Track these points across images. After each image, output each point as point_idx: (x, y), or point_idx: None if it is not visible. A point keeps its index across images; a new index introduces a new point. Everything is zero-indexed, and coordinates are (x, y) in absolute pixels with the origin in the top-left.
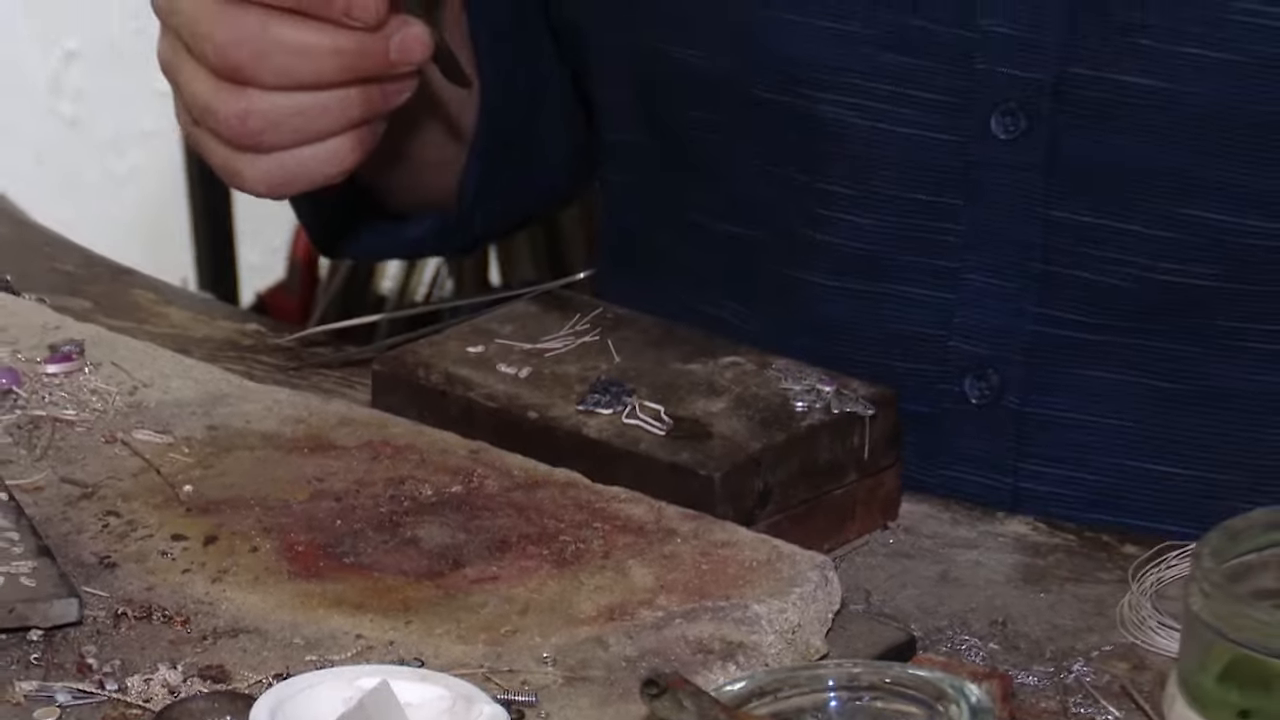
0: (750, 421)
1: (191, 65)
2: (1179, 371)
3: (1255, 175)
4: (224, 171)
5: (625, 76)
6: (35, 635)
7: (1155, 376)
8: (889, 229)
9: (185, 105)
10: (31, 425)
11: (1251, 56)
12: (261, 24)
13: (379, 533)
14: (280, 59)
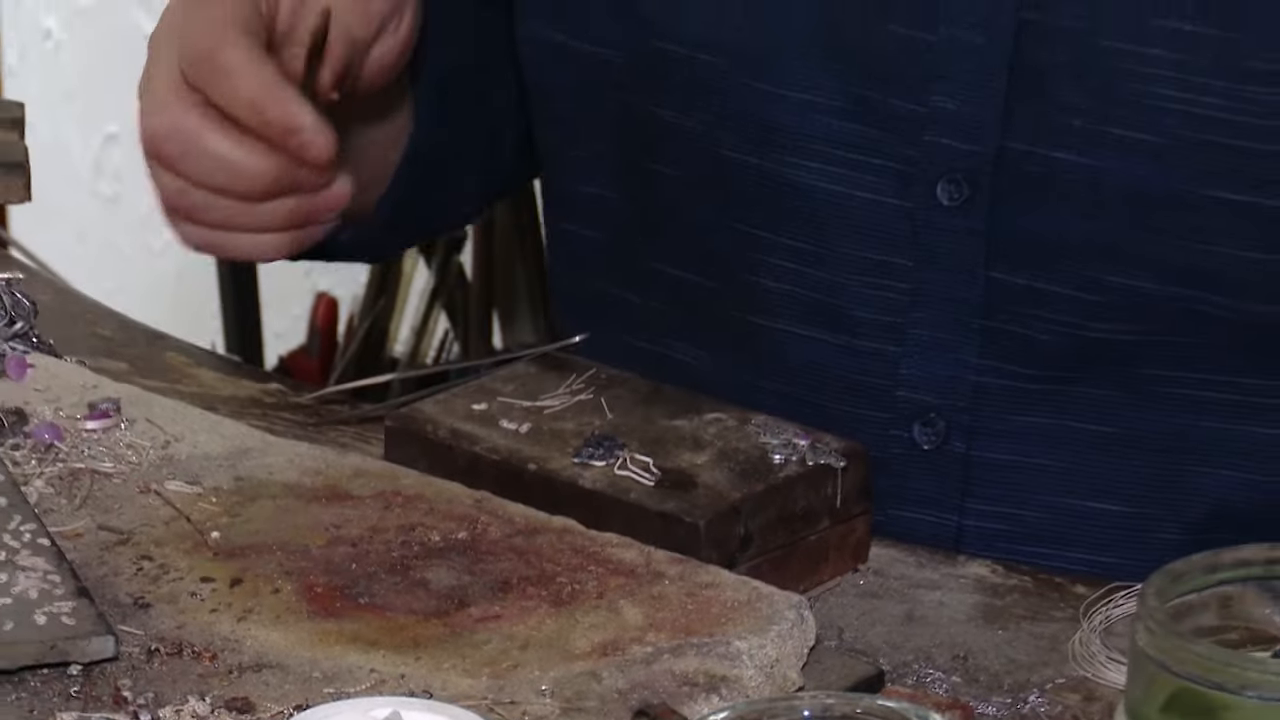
0: (732, 473)
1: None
2: (1106, 417)
3: (1176, 248)
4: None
5: (602, 132)
6: (75, 670)
7: (1086, 421)
8: (843, 285)
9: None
10: (71, 477)
11: (1172, 139)
12: (198, 128)
13: (391, 575)
14: (209, 166)
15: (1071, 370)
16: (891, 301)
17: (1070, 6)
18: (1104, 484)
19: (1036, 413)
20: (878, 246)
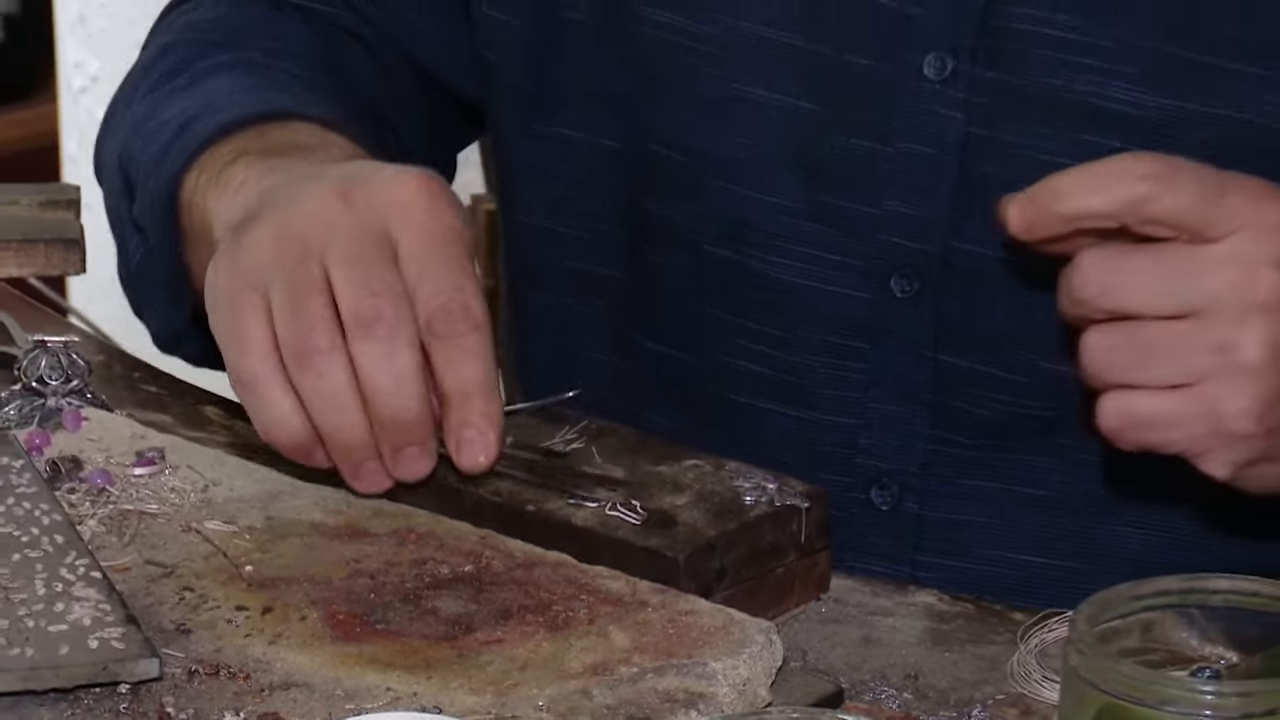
0: (708, 513)
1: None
2: (1037, 481)
3: None
4: None
5: (604, 216)
6: (124, 689)
7: (1020, 485)
8: (807, 365)
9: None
10: (121, 517)
11: None
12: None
13: (405, 604)
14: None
15: (1007, 440)
16: (850, 380)
17: (1010, 124)
18: (1037, 540)
19: (978, 477)
20: (838, 332)
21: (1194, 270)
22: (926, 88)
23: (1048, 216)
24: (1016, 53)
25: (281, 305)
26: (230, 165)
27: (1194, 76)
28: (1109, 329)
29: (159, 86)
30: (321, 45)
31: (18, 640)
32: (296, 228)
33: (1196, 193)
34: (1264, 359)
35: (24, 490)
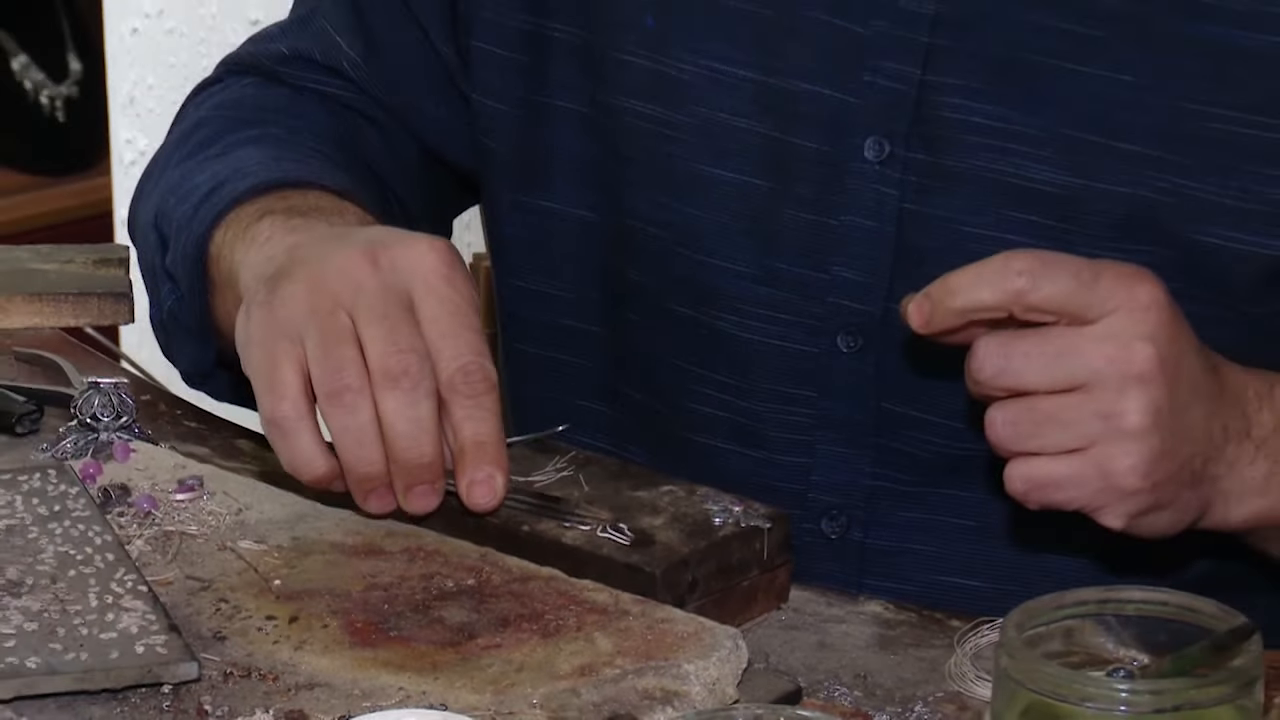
0: (682, 532)
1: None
2: (968, 513)
3: None
4: None
5: (590, 280)
6: (166, 689)
7: (953, 516)
8: (762, 412)
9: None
10: (164, 537)
11: None
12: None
13: (414, 614)
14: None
15: (941, 477)
16: (802, 425)
17: (941, 199)
18: (970, 566)
19: (916, 509)
20: (790, 382)
21: (1076, 349)
22: (867, 168)
23: (943, 312)
24: (946, 138)
25: (316, 351)
26: (256, 222)
27: (1099, 158)
28: (1008, 404)
29: (192, 156)
30: (336, 125)
31: (73, 646)
32: (328, 284)
33: (1071, 281)
34: (1146, 423)
35: (79, 514)
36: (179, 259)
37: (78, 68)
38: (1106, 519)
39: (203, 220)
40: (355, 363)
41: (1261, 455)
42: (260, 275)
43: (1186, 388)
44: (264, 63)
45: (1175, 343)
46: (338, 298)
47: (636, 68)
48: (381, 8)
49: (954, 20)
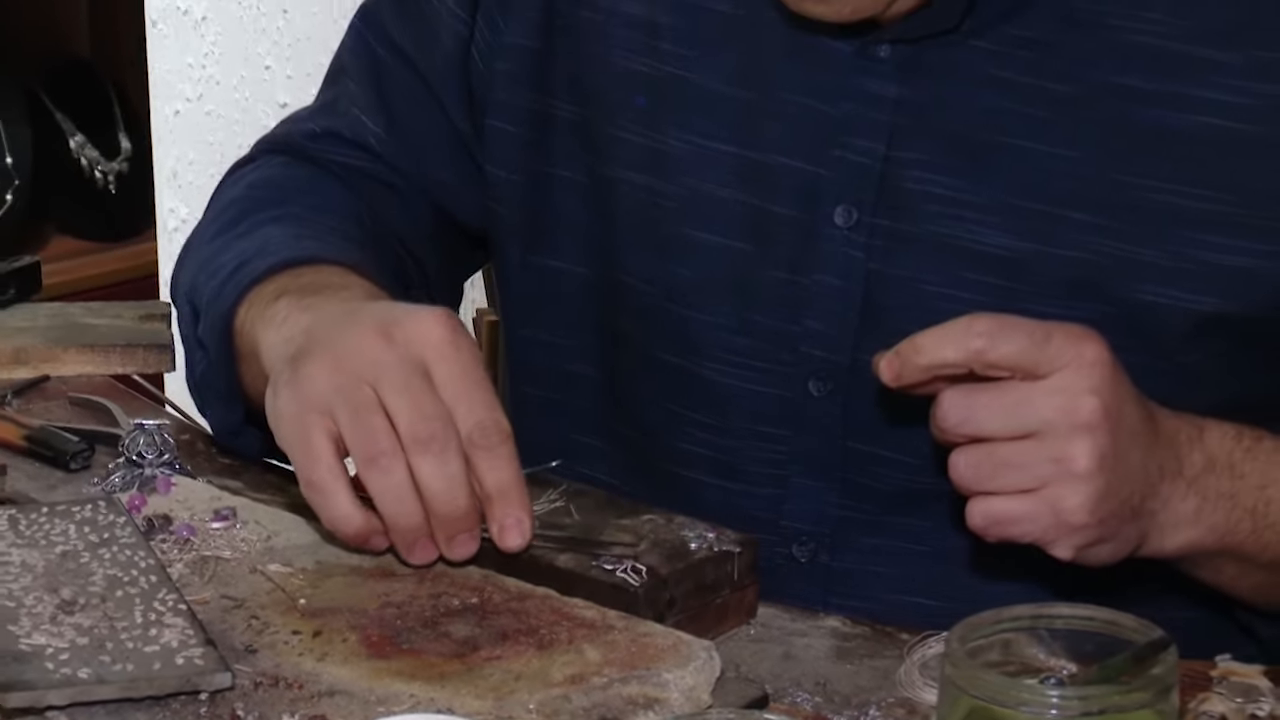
0: (661, 556)
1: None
2: (923, 540)
3: None
4: None
5: (590, 330)
6: (203, 697)
7: (909, 543)
8: (740, 449)
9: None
10: (202, 561)
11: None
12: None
13: (424, 629)
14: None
15: (900, 508)
16: (776, 461)
17: (903, 261)
18: (924, 586)
19: (877, 537)
20: (765, 423)
21: (1030, 401)
22: (837, 233)
23: (911, 368)
24: (907, 206)
25: (347, 421)
26: (274, 302)
27: (1045, 225)
28: (969, 449)
29: (222, 234)
30: (355, 200)
31: (120, 658)
32: (348, 362)
33: (1025, 340)
34: (1092, 467)
35: (125, 541)
36: (208, 331)
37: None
38: (1057, 550)
39: (227, 298)
40: (386, 430)
41: (1192, 492)
42: (282, 356)
43: (1127, 434)
44: (296, 140)
45: (1117, 394)
46: (360, 372)
47: (630, 143)
48: (404, 89)
49: (914, 102)
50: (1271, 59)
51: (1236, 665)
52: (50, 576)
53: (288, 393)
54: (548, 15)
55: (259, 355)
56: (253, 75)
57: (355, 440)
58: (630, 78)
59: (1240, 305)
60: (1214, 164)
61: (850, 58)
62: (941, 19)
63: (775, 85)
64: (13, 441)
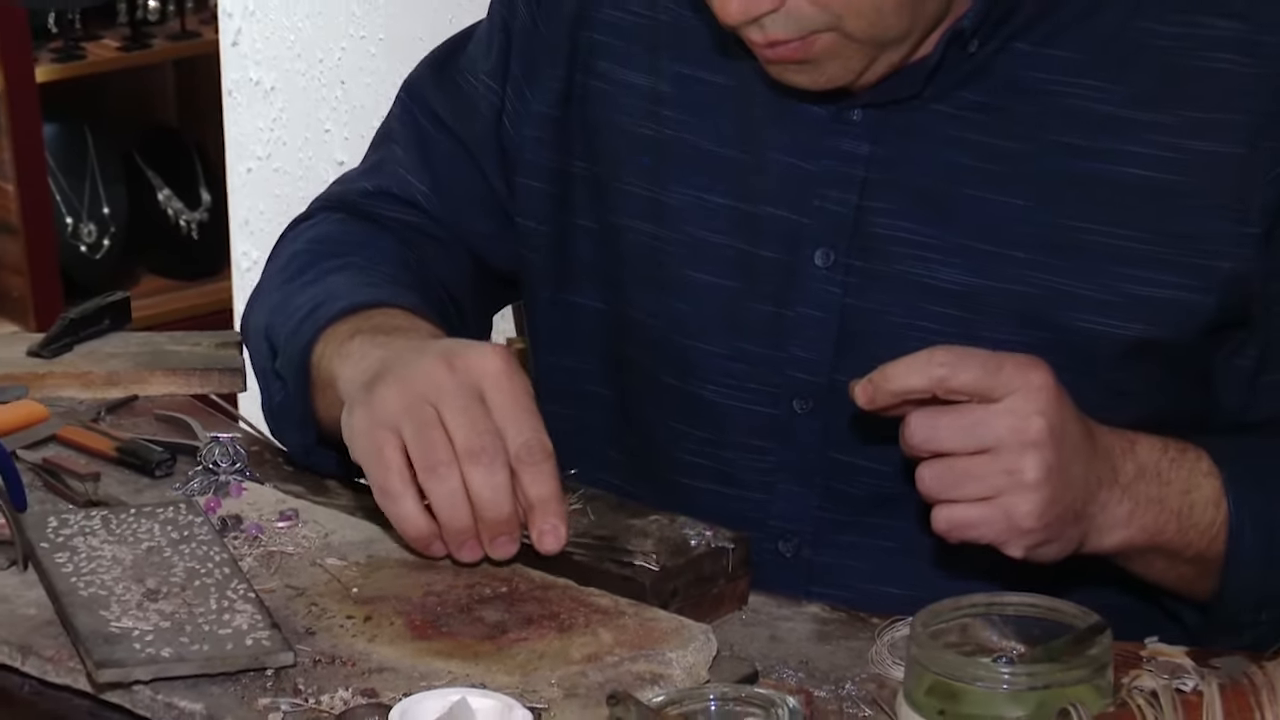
0: (666, 551)
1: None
2: (891, 536)
3: None
4: None
5: (606, 357)
6: (269, 673)
7: (882, 540)
8: (734, 460)
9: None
10: (268, 556)
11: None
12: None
13: (461, 614)
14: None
15: (872, 510)
16: (764, 470)
17: (874, 296)
18: (893, 578)
19: (852, 535)
20: (756, 437)
21: (985, 422)
22: (816, 272)
23: (882, 394)
24: (877, 248)
25: (413, 436)
26: (349, 340)
27: (997, 264)
28: (933, 463)
29: (291, 281)
30: (405, 251)
31: (197, 639)
32: (416, 385)
33: (980, 369)
34: (1040, 479)
35: (202, 538)
36: (286, 365)
37: (207, 198)
38: (1010, 550)
39: (304, 336)
40: (445, 443)
41: (1126, 498)
42: (357, 382)
43: (1069, 449)
44: (350, 198)
45: (1060, 415)
46: (424, 394)
47: (636, 196)
48: (445, 154)
49: (883, 159)
50: (1199, 119)
51: (1164, 646)
52: (137, 569)
53: (362, 411)
54: (567, 86)
55: (335, 385)
56: (314, 137)
57: (418, 452)
58: (636, 140)
59: (1163, 332)
60: (1142, 210)
61: (827, 120)
62: (906, 87)
63: (762, 145)
64: (105, 452)
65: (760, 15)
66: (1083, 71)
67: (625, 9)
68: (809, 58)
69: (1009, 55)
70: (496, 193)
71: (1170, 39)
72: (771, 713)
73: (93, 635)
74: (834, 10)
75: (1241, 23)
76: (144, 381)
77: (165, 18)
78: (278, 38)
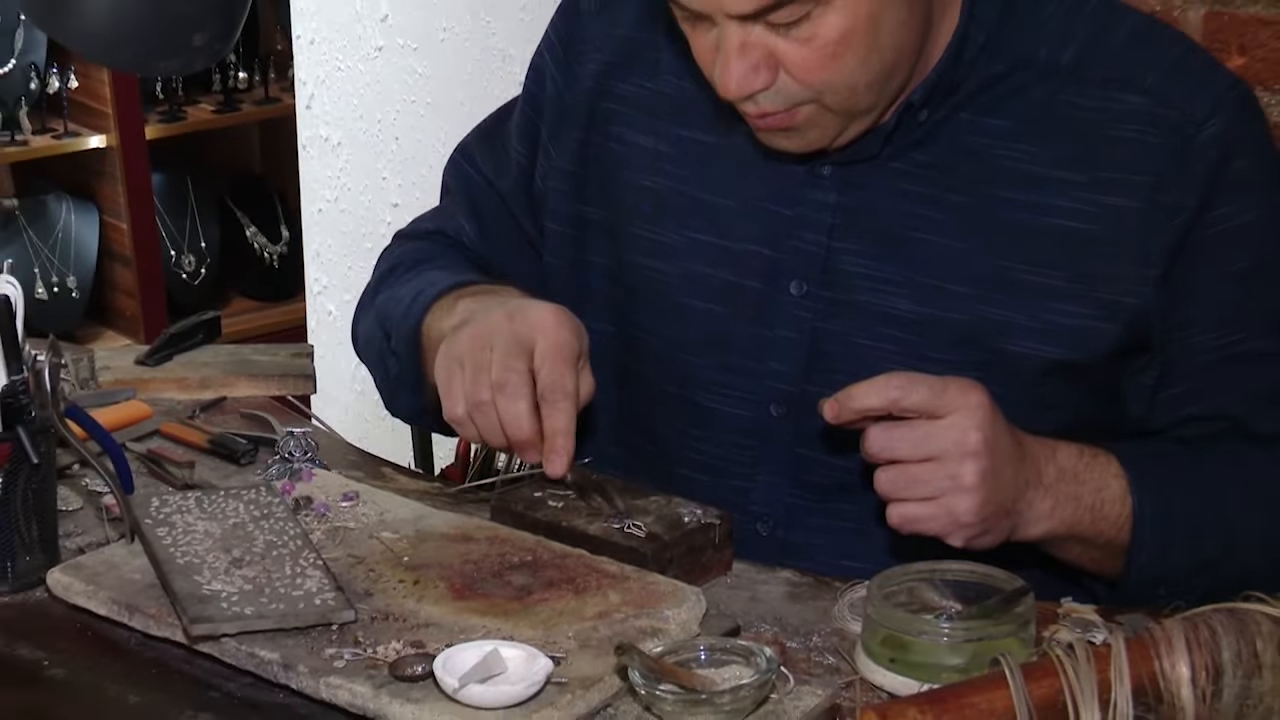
0: (663, 526)
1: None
2: (855, 516)
3: None
4: None
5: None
6: (334, 628)
7: (843, 522)
8: (723, 455)
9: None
10: (334, 530)
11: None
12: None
13: (493, 579)
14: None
15: (835, 497)
16: (747, 464)
17: (839, 321)
18: (851, 554)
19: (818, 518)
20: (740, 436)
21: (932, 435)
22: (791, 299)
23: (846, 411)
24: (843, 281)
25: (469, 374)
26: (455, 304)
27: (941, 296)
28: (889, 469)
29: (391, 285)
30: (471, 259)
31: (274, 600)
32: (481, 331)
33: (928, 391)
34: (977, 483)
35: (279, 516)
36: (400, 340)
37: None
38: (952, 541)
39: (415, 313)
40: (487, 385)
41: (1048, 495)
42: (449, 329)
43: (1001, 457)
44: (419, 232)
45: (994, 429)
46: (486, 339)
47: (641, 237)
48: (489, 203)
49: (848, 208)
50: (1110, 178)
51: (1077, 605)
52: (225, 541)
53: (444, 349)
54: (584, 147)
55: (440, 341)
56: (373, 184)
57: (470, 388)
58: (641, 191)
59: (1078, 355)
60: (1062, 253)
61: (801, 175)
62: (867, 149)
63: (747, 195)
64: (199, 443)
65: (755, 92)
66: (1015, 137)
67: (635, 84)
68: (793, 126)
69: (953, 123)
70: (527, 234)
71: (1088, 111)
72: (751, 660)
73: (188, 596)
74: (816, 88)
75: (1147, 99)
76: (231, 385)
77: (252, 86)
78: (344, 102)
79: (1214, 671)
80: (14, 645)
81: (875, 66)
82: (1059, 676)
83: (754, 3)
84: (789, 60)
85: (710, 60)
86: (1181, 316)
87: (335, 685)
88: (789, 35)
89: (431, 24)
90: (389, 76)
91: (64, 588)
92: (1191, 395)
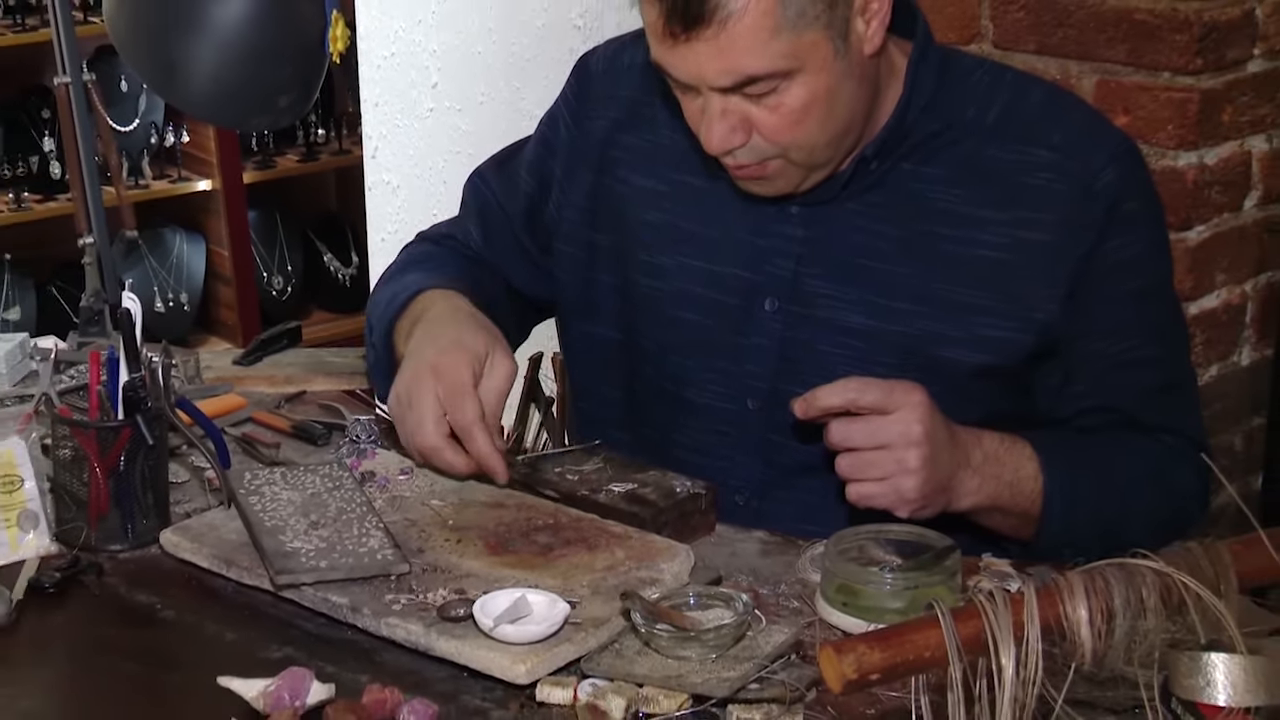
0: (659, 494)
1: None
2: (816, 493)
3: None
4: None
5: (621, 369)
6: (393, 578)
7: (808, 495)
8: (708, 440)
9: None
10: (393, 499)
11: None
12: (442, 445)
13: (521, 538)
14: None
15: (800, 475)
16: (729, 448)
17: (805, 332)
18: (813, 521)
19: (787, 491)
20: (722, 425)
21: (883, 428)
22: (765, 314)
23: (812, 409)
24: (808, 299)
25: (408, 431)
26: (413, 328)
27: (888, 313)
28: (847, 455)
29: (390, 281)
30: (470, 265)
31: (344, 555)
32: (407, 385)
33: (879, 392)
34: (919, 466)
35: (348, 487)
36: (378, 336)
37: (356, 259)
38: (898, 513)
39: (388, 315)
40: (419, 446)
41: (976, 475)
42: (402, 355)
43: (939, 445)
44: (434, 236)
45: (933, 422)
46: (410, 395)
47: (642, 261)
48: (495, 219)
49: (812, 240)
50: (1027, 217)
51: (994, 559)
52: (304, 507)
53: (395, 381)
54: (596, 187)
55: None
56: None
57: (412, 443)
58: (643, 223)
59: (999, 360)
60: (987, 278)
61: (774, 213)
62: (828, 192)
63: (730, 228)
64: (284, 428)
65: (733, 149)
66: (950, 183)
67: (637, 136)
68: (764, 175)
69: (898, 172)
70: (526, 248)
71: (1009, 163)
72: (731, 604)
73: (274, 553)
74: (783, 146)
75: (1055, 153)
76: (310, 382)
77: (328, 140)
78: (402, 153)
79: (1108, 614)
80: (134, 592)
81: (832, 129)
82: (982, 618)
83: (731, 79)
84: (761, 124)
85: (698, 121)
86: (1082, 329)
87: (393, 624)
88: (761, 103)
89: (473, 90)
90: (438, 132)
91: (173, 545)
92: (1090, 392)
